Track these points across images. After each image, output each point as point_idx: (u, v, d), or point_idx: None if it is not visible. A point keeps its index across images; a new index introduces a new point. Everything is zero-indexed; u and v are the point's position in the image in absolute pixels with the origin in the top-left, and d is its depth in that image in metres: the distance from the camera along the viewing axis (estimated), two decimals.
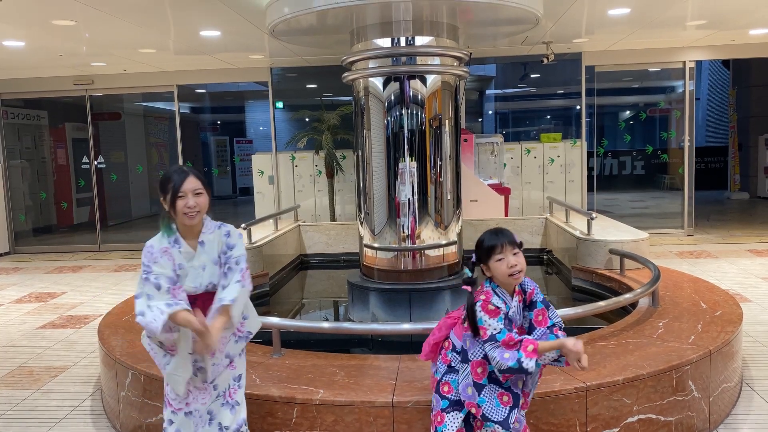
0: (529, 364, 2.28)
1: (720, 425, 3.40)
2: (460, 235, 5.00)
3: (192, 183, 2.47)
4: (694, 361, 3.22)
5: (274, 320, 3.69)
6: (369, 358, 3.48)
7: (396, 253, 4.80)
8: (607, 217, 7.27)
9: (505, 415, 2.40)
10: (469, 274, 2.46)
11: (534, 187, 9.57)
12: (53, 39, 6.95)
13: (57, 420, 3.78)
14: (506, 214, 7.98)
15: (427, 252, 4.79)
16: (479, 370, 2.43)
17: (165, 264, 2.44)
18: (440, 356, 2.62)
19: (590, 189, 9.75)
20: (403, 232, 4.74)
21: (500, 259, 2.38)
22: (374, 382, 3.10)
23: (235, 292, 2.46)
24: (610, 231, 6.02)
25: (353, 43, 4.90)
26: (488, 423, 2.42)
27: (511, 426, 2.42)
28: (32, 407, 3.99)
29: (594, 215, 5.91)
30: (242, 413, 2.62)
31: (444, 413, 2.51)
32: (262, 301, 5.83)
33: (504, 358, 2.29)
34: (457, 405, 2.50)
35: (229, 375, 2.60)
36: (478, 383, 2.42)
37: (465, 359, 2.47)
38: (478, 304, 2.39)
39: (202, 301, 2.51)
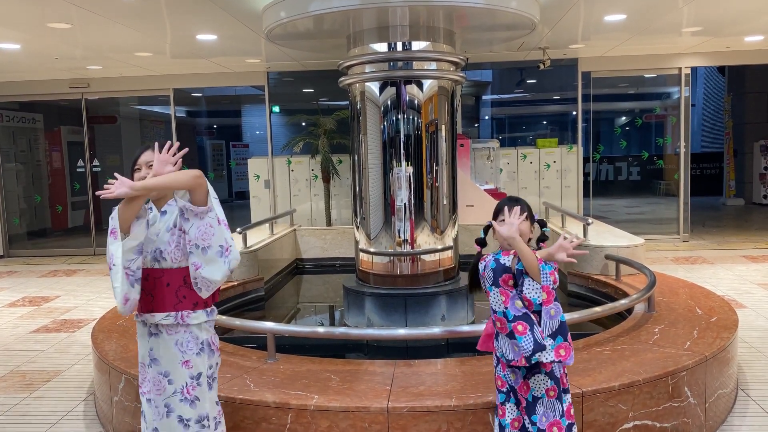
0: (505, 259, 2.49)
1: (716, 431, 3.39)
2: (456, 240, 4.99)
3: (148, 156, 2.51)
4: (690, 367, 3.21)
5: (268, 325, 3.68)
6: (364, 364, 3.47)
7: (392, 257, 4.79)
8: (603, 223, 7.27)
9: (531, 340, 2.41)
10: (482, 235, 2.62)
11: (530, 192, 9.58)
12: (49, 42, 6.93)
13: (50, 425, 3.75)
14: None
15: (423, 257, 4.78)
16: (498, 324, 2.51)
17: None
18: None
19: (586, 194, 9.77)
20: (399, 236, 4.73)
21: (502, 220, 2.51)
22: (369, 387, 3.08)
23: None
24: (606, 237, 6.02)
25: (350, 47, 4.90)
26: (532, 360, 2.42)
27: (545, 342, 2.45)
28: (25, 412, 3.96)
29: (590, 221, 5.92)
30: (204, 409, 2.51)
31: (503, 406, 2.60)
32: (257, 305, 5.81)
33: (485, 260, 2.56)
34: (509, 395, 2.60)
35: (185, 373, 2.48)
36: (503, 335, 2.50)
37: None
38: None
39: (152, 278, 2.47)
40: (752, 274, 7.05)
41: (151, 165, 2.47)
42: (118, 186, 2.28)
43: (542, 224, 2.61)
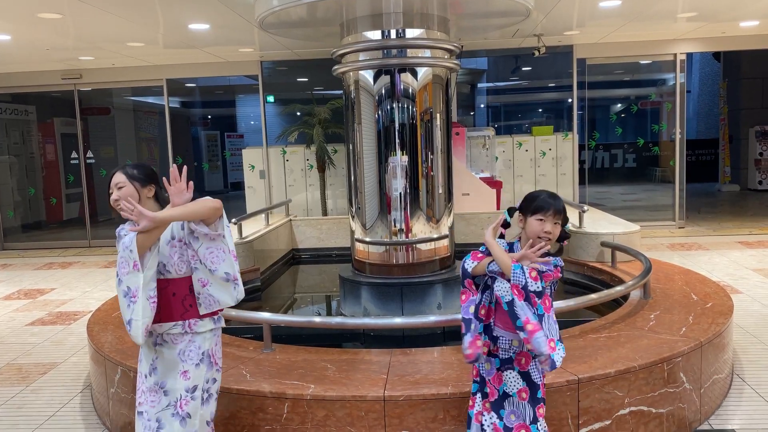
0: (468, 263, 2.50)
1: (711, 416, 3.41)
2: (451, 228, 4.98)
3: (115, 178, 2.51)
4: (686, 352, 3.22)
5: (264, 315, 3.68)
6: (360, 353, 3.47)
7: (387, 247, 4.78)
8: (598, 210, 7.28)
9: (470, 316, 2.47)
10: (508, 218, 2.55)
11: (526, 180, 9.57)
12: (40, 33, 6.87)
13: (46, 417, 3.75)
14: (498, 208, 7.97)
15: (418, 246, 4.78)
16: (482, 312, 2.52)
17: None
18: None
19: (582, 182, 9.77)
20: (395, 226, 4.72)
21: (540, 220, 2.43)
22: (365, 376, 3.08)
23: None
24: (602, 224, 6.02)
25: (343, 35, 4.87)
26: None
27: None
28: (21, 404, 3.95)
29: (585, 208, 5.92)
30: (194, 427, 2.46)
31: (473, 396, 2.61)
32: (253, 296, 5.80)
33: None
34: (480, 386, 2.58)
35: (181, 384, 2.45)
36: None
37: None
38: (468, 256, 2.57)
39: (158, 288, 2.43)
40: (747, 260, 7.07)
41: (121, 187, 2.47)
42: (138, 217, 2.27)
43: (565, 222, 2.52)
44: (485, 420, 2.52)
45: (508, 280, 2.35)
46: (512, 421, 2.45)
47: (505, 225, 2.55)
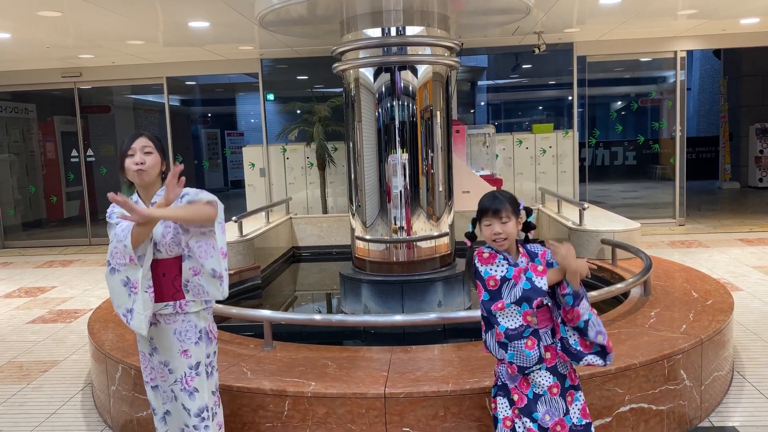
0: (540, 281, 2.34)
1: (712, 413, 3.41)
2: (452, 226, 4.98)
3: (141, 141, 2.47)
4: (686, 350, 3.22)
5: (265, 313, 3.68)
6: (361, 350, 3.47)
7: (388, 244, 4.78)
8: (598, 208, 7.27)
9: (537, 355, 2.37)
10: (471, 229, 2.52)
11: (526, 178, 9.57)
12: (39, 31, 6.86)
13: (47, 415, 3.75)
14: None
15: (419, 243, 4.77)
16: (501, 368, 2.47)
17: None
18: None
19: (582, 179, 9.76)
20: (395, 223, 4.72)
21: (488, 225, 2.43)
22: (366, 374, 3.08)
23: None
24: (602, 221, 6.02)
25: (343, 33, 4.86)
26: (527, 371, 2.40)
27: (545, 358, 2.40)
28: (22, 402, 3.96)
29: (586, 206, 5.91)
30: (203, 400, 2.53)
31: (494, 399, 2.55)
32: (254, 294, 5.80)
33: (518, 288, 2.34)
34: (501, 390, 2.52)
35: (184, 363, 2.49)
36: (501, 342, 2.40)
37: (488, 323, 2.46)
38: (476, 258, 2.44)
39: (152, 269, 2.45)
40: (748, 257, 7.07)
41: (148, 152, 2.46)
42: (130, 211, 2.22)
43: (528, 212, 2.51)
44: (518, 426, 2.43)
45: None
46: (547, 421, 2.40)
47: (470, 236, 2.52)
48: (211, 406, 2.57)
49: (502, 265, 2.39)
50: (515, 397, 2.45)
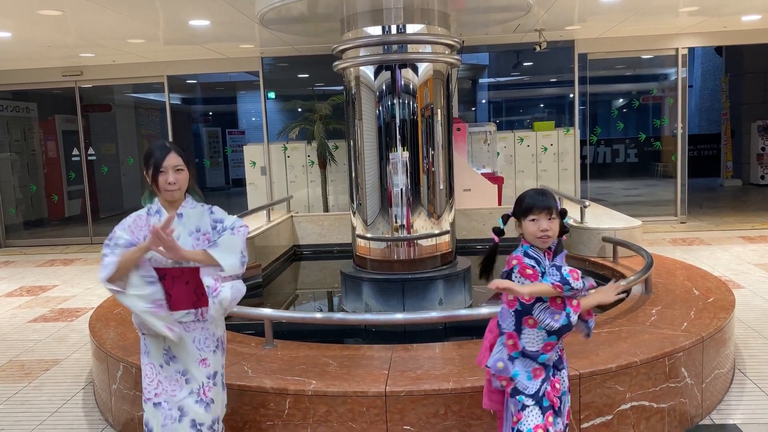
0: (574, 318, 2.28)
1: (713, 411, 3.41)
2: (452, 224, 4.98)
3: (173, 159, 2.47)
4: (687, 347, 3.22)
5: (266, 311, 3.68)
6: (362, 349, 3.47)
7: (389, 243, 4.78)
8: (600, 205, 7.27)
9: (537, 387, 2.35)
10: (501, 225, 2.46)
11: (527, 175, 9.55)
12: (40, 29, 6.86)
13: (49, 414, 3.76)
14: (500, 203, 7.96)
15: (419, 242, 4.77)
16: (510, 342, 2.37)
17: (128, 235, 2.44)
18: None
19: (583, 177, 9.75)
20: (396, 222, 4.72)
21: (533, 220, 2.36)
22: (367, 372, 3.08)
23: (223, 242, 2.47)
24: (603, 219, 6.01)
25: (344, 31, 4.86)
26: (519, 396, 2.36)
27: (542, 396, 2.36)
28: (24, 401, 3.96)
29: (587, 203, 5.91)
30: (217, 411, 2.54)
31: (520, 413, 2.38)
32: (255, 292, 5.80)
33: (554, 320, 2.28)
34: (532, 398, 2.39)
35: (202, 372, 2.50)
36: (511, 356, 2.37)
37: (500, 332, 2.41)
38: (515, 270, 2.34)
39: (171, 277, 2.44)
40: (749, 255, 7.06)
41: (178, 169, 2.46)
42: (170, 250, 2.33)
43: (563, 214, 2.44)
44: (550, 430, 2.37)
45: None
46: (567, 416, 2.44)
47: (498, 232, 2.46)
48: (222, 418, 2.59)
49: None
50: (548, 403, 2.37)
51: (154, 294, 2.39)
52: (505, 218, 2.47)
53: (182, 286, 2.46)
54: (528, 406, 2.36)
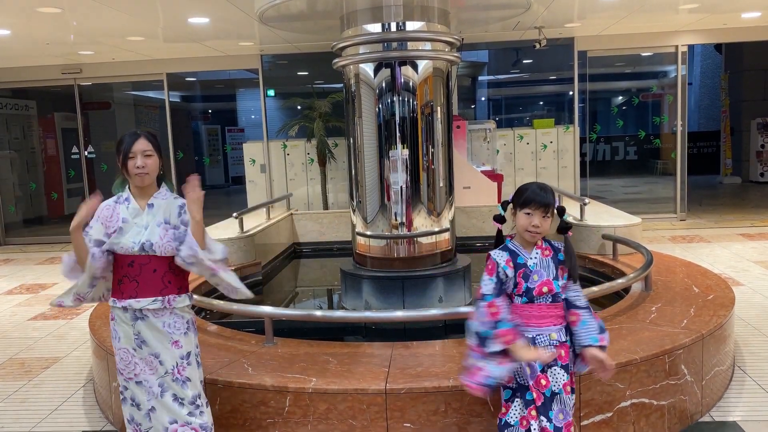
0: (493, 347, 2.33)
1: (713, 408, 3.41)
2: (452, 222, 4.98)
3: (142, 144, 2.53)
4: (687, 345, 3.22)
5: (266, 309, 3.68)
6: (362, 346, 3.47)
7: (388, 240, 4.78)
8: (599, 203, 7.27)
9: (504, 373, 2.37)
10: (501, 212, 2.51)
11: (527, 173, 9.56)
12: (39, 27, 6.85)
13: (49, 411, 3.76)
14: (499, 201, 7.97)
15: (419, 239, 4.77)
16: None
17: (99, 228, 2.58)
18: None
19: (583, 175, 9.76)
20: (396, 219, 4.72)
21: (528, 214, 2.39)
22: (367, 369, 3.09)
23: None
24: (603, 216, 6.02)
25: (343, 28, 4.85)
26: (506, 390, 2.47)
27: (560, 355, 2.40)
28: (24, 399, 3.96)
29: (587, 201, 5.91)
30: (196, 388, 2.60)
31: (508, 403, 2.48)
32: (255, 290, 5.78)
33: (475, 323, 2.38)
34: (515, 392, 2.46)
35: (175, 353, 2.56)
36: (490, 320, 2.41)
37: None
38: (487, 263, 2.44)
39: (138, 264, 2.52)
40: (749, 252, 7.06)
41: (147, 154, 2.53)
42: (194, 204, 2.51)
43: (561, 212, 2.46)
44: (533, 427, 2.39)
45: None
46: (561, 420, 2.38)
47: (499, 219, 2.51)
48: (204, 394, 2.64)
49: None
50: (532, 396, 2.40)
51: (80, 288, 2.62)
52: (505, 205, 2.51)
53: (149, 274, 2.52)
54: (515, 398, 2.46)
